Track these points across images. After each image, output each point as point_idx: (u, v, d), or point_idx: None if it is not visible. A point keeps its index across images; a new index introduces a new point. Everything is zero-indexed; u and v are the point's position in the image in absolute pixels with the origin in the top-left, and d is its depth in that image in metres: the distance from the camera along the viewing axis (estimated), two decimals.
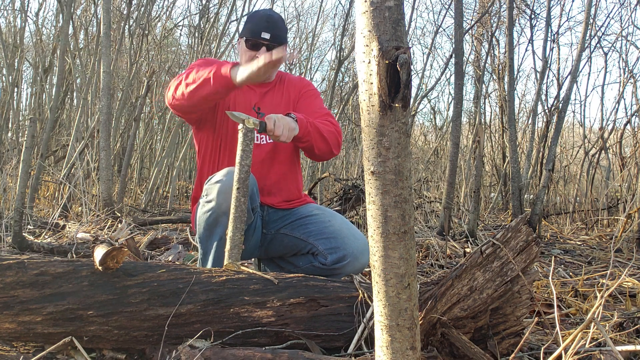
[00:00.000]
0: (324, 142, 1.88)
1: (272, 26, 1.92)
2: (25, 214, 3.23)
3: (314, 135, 1.83)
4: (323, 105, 2.08)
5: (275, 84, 2.07)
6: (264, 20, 1.92)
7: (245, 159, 1.57)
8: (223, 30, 6.21)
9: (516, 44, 7.16)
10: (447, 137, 7.38)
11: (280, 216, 1.98)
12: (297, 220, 1.94)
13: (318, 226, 1.89)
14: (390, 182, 0.85)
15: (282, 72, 2.12)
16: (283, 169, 2.00)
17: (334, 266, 1.80)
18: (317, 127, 1.85)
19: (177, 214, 4.77)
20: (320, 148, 1.88)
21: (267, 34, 1.90)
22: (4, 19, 6.83)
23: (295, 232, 1.92)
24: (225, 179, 1.70)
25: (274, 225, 1.97)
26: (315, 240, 1.86)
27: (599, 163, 5.80)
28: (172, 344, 1.34)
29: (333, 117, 2.04)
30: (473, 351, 1.26)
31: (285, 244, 1.94)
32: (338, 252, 1.80)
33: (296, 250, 1.92)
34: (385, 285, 0.89)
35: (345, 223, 1.89)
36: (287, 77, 2.11)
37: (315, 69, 9.89)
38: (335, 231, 1.84)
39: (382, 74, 0.80)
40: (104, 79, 4.03)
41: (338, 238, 1.82)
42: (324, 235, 1.85)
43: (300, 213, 1.96)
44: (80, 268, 1.37)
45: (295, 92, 2.06)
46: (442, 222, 3.70)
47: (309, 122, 1.82)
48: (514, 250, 1.33)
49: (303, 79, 2.15)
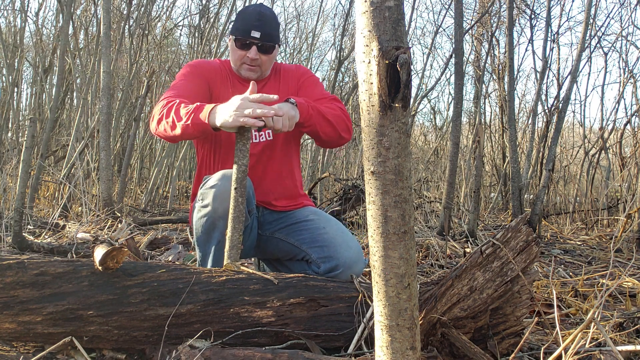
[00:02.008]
0: (330, 126, 1.80)
1: (263, 24, 1.83)
2: (25, 214, 3.23)
3: (317, 120, 1.76)
4: (325, 91, 1.99)
5: (271, 77, 2.00)
6: (254, 18, 1.84)
7: (242, 158, 1.55)
8: (223, 30, 6.21)
9: (516, 44, 7.16)
10: (447, 137, 7.38)
11: (275, 218, 1.94)
12: (292, 225, 1.90)
13: (312, 233, 1.83)
14: (390, 182, 0.85)
15: (277, 63, 2.04)
16: (279, 166, 1.95)
17: (327, 275, 1.76)
18: (320, 111, 1.77)
19: (177, 214, 4.77)
20: (327, 133, 1.81)
21: (257, 32, 1.82)
22: (4, 19, 6.83)
23: (289, 238, 1.88)
24: (220, 183, 1.66)
25: (269, 227, 1.94)
26: (309, 248, 1.81)
27: (599, 163, 5.80)
28: (172, 344, 1.34)
29: (340, 101, 1.95)
30: (473, 351, 1.26)
31: (280, 248, 1.91)
32: (331, 262, 1.75)
33: (291, 256, 1.89)
34: (385, 285, 0.89)
35: (340, 230, 1.83)
36: (283, 67, 2.04)
37: (315, 69, 9.89)
38: (329, 239, 1.79)
39: (382, 74, 0.80)
40: (104, 79, 4.03)
41: (331, 247, 1.77)
42: (317, 243, 1.80)
43: (296, 217, 1.91)
44: (80, 268, 1.37)
45: (294, 82, 1.99)
46: (442, 222, 3.70)
47: (311, 106, 1.74)
48: (514, 250, 1.33)
49: (300, 66, 2.07)
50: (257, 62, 1.88)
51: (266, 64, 1.92)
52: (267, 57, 1.89)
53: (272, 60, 1.94)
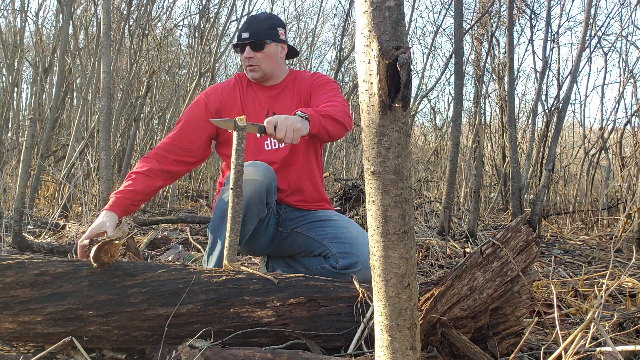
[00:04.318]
0: (339, 125, 1.85)
1: (251, 25, 1.96)
2: (25, 214, 3.23)
3: (329, 127, 1.80)
4: (327, 89, 2.03)
5: (287, 84, 2.05)
6: (245, 23, 1.99)
7: (238, 158, 1.56)
8: (223, 30, 6.21)
9: (516, 44, 7.16)
10: (447, 137, 7.37)
11: (297, 216, 1.98)
12: (315, 222, 1.94)
13: (335, 230, 1.88)
14: (390, 182, 0.85)
15: (295, 71, 2.11)
16: (300, 172, 1.99)
17: (344, 271, 1.79)
18: (330, 116, 1.82)
19: (177, 214, 4.77)
20: (337, 135, 1.86)
21: (246, 33, 1.95)
22: (4, 19, 6.83)
23: (310, 233, 1.92)
24: (247, 169, 1.70)
25: (290, 224, 1.97)
26: (330, 242, 1.86)
27: (599, 163, 5.80)
28: (172, 344, 1.34)
29: (338, 93, 2.00)
30: (473, 351, 1.26)
31: (299, 243, 1.94)
32: (350, 258, 1.79)
33: (308, 251, 1.92)
34: (385, 285, 0.89)
35: (362, 233, 1.88)
36: (299, 75, 2.10)
37: (315, 69, 9.88)
38: (352, 238, 1.84)
39: (382, 74, 0.80)
40: (104, 79, 4.02)
41: (353, 244, 1.81)
42: (340, 239, 1.84)
43: (319, 216, 1.96)
44: (80, 268, 1.37)
45: (307, 89, 2.04)
46: (442, 222, 3.70)
47: (321, 115, 1.78)
48: (514, 250, 1.33)
49: (315, 73, 2.12)
50: (253, 60, 1.97)
51: (264, 62, 1.97)
52: (261, 54, 1.97)
53: (271, 58, 1.99)
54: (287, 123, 1.63)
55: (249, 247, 1.96)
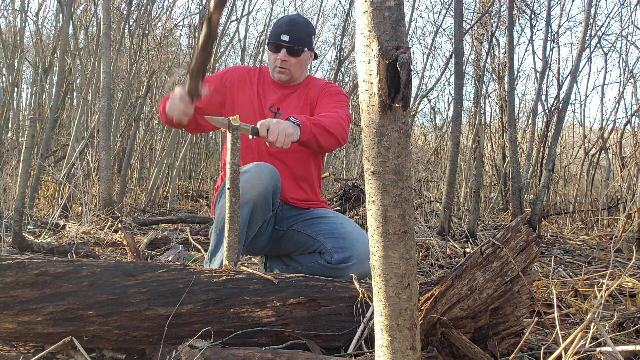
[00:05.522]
0: (330, 138, 1.85)
1: (292, 28, 1.96)
2: (25, 214, 3.23)
3: (320, 137, 1.81)
4: (334, 99, 2.04)
5: (299, 87, 2.08)
6: (285, 23, 1.98)
7: (233, 157, 1.56)
8: (223, 30, 6.20)
9: (516, 44, 7.16)
10: (447, 137, 7.37)
11: (294, 214, 2.00)
12: (311, 219, 1.96)
13: (329, 226, 1.91)
14: (390, 182, 0.85)
15: (311, 77, 2.14)
16: (297, 172, 2.01)
17: (338, 265, 1.81)
18: (323, 126, 1.81)
19: (177, 214, 4.77)
20: (327, 147, 1.87)
21: (287, 36, 1.96)
22: (4, 19, 6.83)
23: (306, 229, 1.94)
24: (252, 170, 1.73)
25: (286, 222, 1.99)
26: (325, 238, 1.88)
27: (599, 163, 5.80)
28: (172, 344, 1.34)
29: (343, 106, 2.00)
30: (473, 351, 1.26)
31: (294, 240, 1.96)
32: (344, 252, 1.81)
33: (304, 248, 1.94)
34: (385, 285, 0.89)
35: (357, 229, 1.90)
36: (313, 80, 2.12)
37: (315, 69, 9.89)
38: (346, 233, 1.86)
39: (382, 74, 0.80)
40: (104, 79, 4.02)
41: (347, 239, 1.84)
42: (334, 235, 1.87)
43: (315, 213, 1.99)
44: (80, 268, 1.37)
45: (315, 95, 2.06)
46: (442, 222, 3.70)
47: (313, 124, 1.78)
48: (514, 250, 1.33)
49: (329, 82, 2.13)
50: (286, 64, 1.99)
51: (295, 67, 2.01)
52: (295, 60, 2.00)
53: (302, 65, 2.03)
54: (280, 127, 1.63)
55: (249, 247, 1.97)
